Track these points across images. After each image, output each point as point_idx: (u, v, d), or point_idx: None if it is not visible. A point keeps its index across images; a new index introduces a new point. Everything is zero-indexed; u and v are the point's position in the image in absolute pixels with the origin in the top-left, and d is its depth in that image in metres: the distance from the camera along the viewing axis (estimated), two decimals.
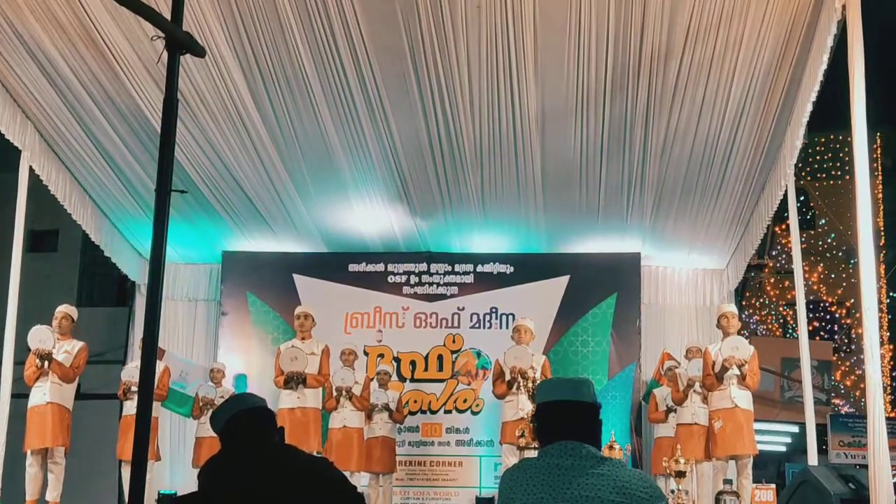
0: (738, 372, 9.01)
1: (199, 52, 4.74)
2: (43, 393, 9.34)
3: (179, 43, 4.56)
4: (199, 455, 11.05)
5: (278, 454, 3.48)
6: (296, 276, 13.22)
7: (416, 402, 12.77)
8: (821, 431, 10.89)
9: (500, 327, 12.78)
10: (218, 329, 13.40)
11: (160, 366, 10.11)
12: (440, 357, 13.01)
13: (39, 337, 9.38)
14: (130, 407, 10.05)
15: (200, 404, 11.47)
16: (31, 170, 10.17)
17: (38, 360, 9.33)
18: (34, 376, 9.38)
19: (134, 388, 9.70)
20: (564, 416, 3.15)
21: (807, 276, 18.58)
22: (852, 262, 20.83)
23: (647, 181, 10.92)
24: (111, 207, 12.00)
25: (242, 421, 3.55)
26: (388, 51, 8.77)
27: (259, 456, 3.42)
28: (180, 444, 12.68)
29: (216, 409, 3.74)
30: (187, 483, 10.95)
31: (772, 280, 22.18)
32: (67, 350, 9.56)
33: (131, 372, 10.26)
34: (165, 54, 4.57)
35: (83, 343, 9.73)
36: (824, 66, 7.78)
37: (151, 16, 4.57)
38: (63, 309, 9.79)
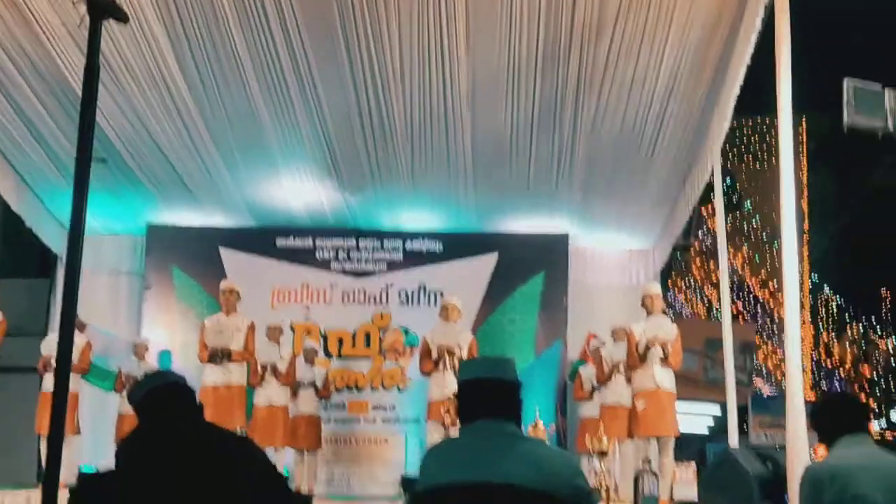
0: (661, 353, 9.09)
1: (122, 17, 4.60)
2: None
3: (102, 7, 4.43)
4: (121, 430, 10.90)
5: (195, 431, 3.41)
6: (222, 250, 13.06)
7: (342, 379, 12.71)
8: (742, 412, 11.07)
9: (429, 304, 12.78)
10: (142, 303, 13.21)
11: (82, 339, 9.95)
12: (367, 334, 12.97)
13: None
14: (51, 380, 9.85)
15: (123, 379, 11.30)
16: None
17: None
18: None
19: (54, 363, 9.52)
20: (486, 394, 3.14)
21: (731, 257, 18.83)
22: (776, 244, 21.16)
23: (576, 158, 10.97)
24: (32, 177, 11.73)
25: (159, 396, 3.48)
26: (319, 21, 8.67)
27: (175, 432, 3.36)
28: (102, 419, 12.48)
29: (133, 385, 3.67)
30: (108, 458, 10.77)
31: (697, 261, 22.50)
32: None
33: (52, 344, 10.04)
34: (87, 19, 4.45)
35: (0, 315, 9.51)
36: (752, 48, 7.85)
37: None
38: None
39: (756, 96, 9.08)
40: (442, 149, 10.82)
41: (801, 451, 6.96)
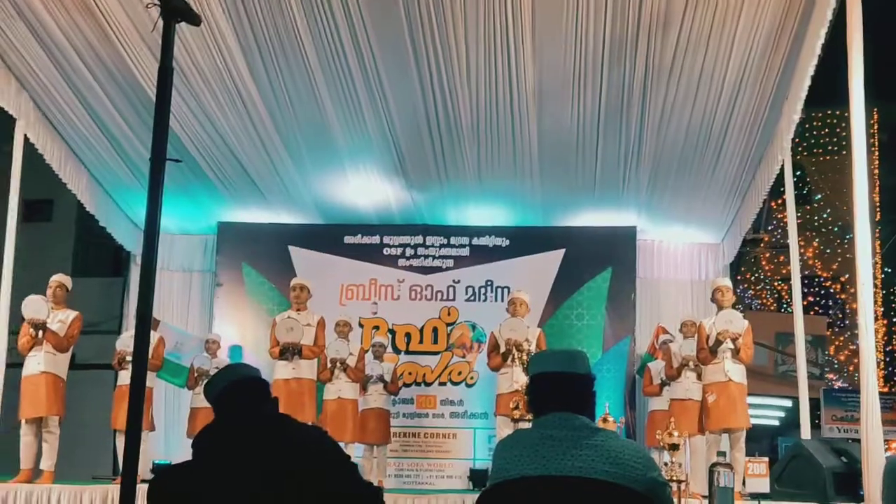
0: (731, 346, 9.02)
1: (194, 20, 4.69)
2: (37, 362, 9.32)
3: (175, 10, 4.51)
4: (194, 426, 11.06)
5: (272, 423, 3.47)
6: (291, 248, 13.22)
7: (410, 374, 12.78)
8: (814, 406, 10.95)
9: (496, 300, 12.81)
10: (213, 300, 13.42)
11: (155, 336, 10.10)
12: (435, 329, 13.03)
13: (34, 306, 9.36)
14: (125, 377, 10.02)
15: (195, 375, 11.45)
16: (26, 138, 10.12)
17: (32, 330, 9.30)
18: (28, 346, 9.35)
19: (128, 358, 9.68)
20: (558, 388, 3.14)
21: (802, 250, 18.61)
22: (848, 237, 20.84)
23: (643, 154, 10.90)
24: (106, 177, 11.96)
25: (236, 391, 3.55)
26: (386, 20, 8.71)
27: (252, 425, 3.42)
28: (175, 415, 12.70)
29: (210, 379, 3.73)
30: (182, 454, 10.91)
31: (767, 255, 22.24)
32: (62, 319, 9.52)
33: (126, 341, 10.23)
34: (161, 22, 4.54)
35: (77, 312, 9.70)
36: (822, 40, 7.76)
37: None
38: (57, 278, 9.75)
39: (826, 88, 8.98)
40: (508, 146, 10.81)
41: (875, 444, 6.88)
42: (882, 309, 23.10)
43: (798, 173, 20.10)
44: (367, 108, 10.12)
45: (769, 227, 18.75)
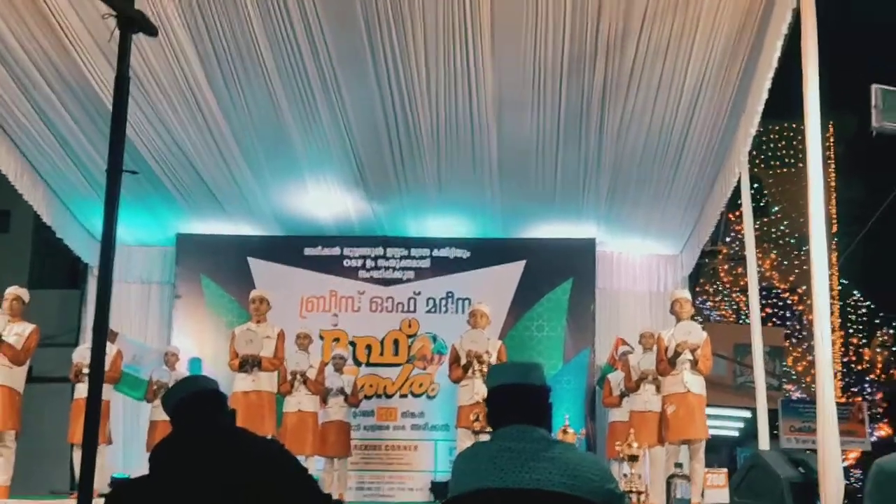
0: (690, 357, 9.07)
1: (151, 30, 4.67)
2: None
3: (131, 21, 4.49)
4: (153, 439, 10.95)
5: (229, 436, 3.46)
6: (250, 260, 13.15)
7: (371, 386, 12.74)
8: (772, 417, 10.99)
9: (457, 312, 12.80)
10: (172, 312, 13.31)
11: (112, 348, 10.02)
12: (396, 341, 13.00)
13: None
14: (82, 390, 9.92)
15: (154, 388, 11.36)
16: None
17: None
18: None
19: (85, 370, 9.57)
20: (515, 400, 3.16)
21: (760, 262, 18.74)
22: (805, 248, 21.02)
23: (603, 164, 10.96)
24: (63, 188, 11.84)
25: (193, 402, 3.54)
26: (344, 30, 8.72)
27: (209, 438, 3.40)
28: (134, 428, 12.56)
29: (168, 391, 3.72)
30: (141, 467, 10.79)
31: (725, 266, 22.42)
32: (18, 332, 9.40)
33: (83, 353, 10.13)
34: (117, 32, 4.51)
35: (34, 325, 9.59)
36: (778, 54, 7.82)
37: None
38: (13, 290, 9.63)
39: (783, 101, 9.05)
40: (468, 155, 10.83)
41: (832, 454, 6.93)
42: (839, 320, 23.37)
43: (755, 185, 20.28)
44: (326, 117, 10.11)
45: (727, 239, 18.92)
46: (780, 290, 23.51)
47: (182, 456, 3.37)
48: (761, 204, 22.68)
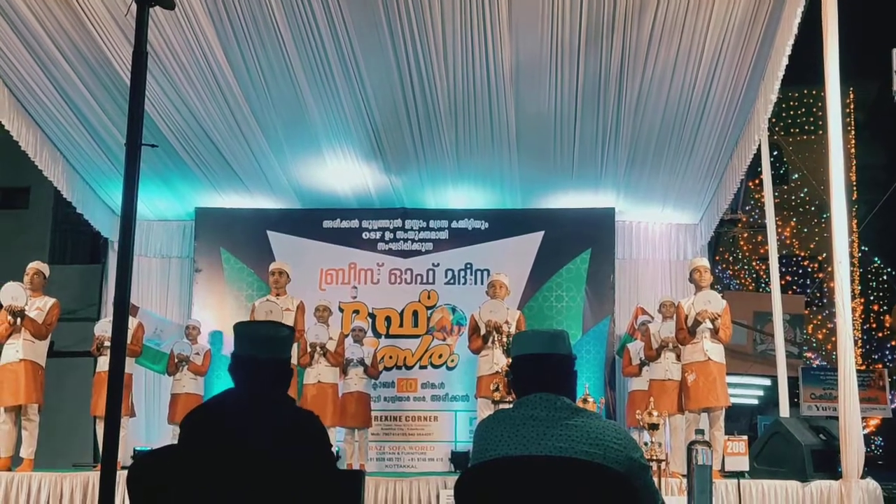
0: (710, 326, 9.06)
1: (168, 4, 4.68)
2: (16, 350, 9.27)
3: None
4: (175, 412, 11.03)
5: (259, 404, 3.38)
6: (270, 233, 13.18)
7: (391, 357, 12.79)
8: (792, 384, 10.99)
9: (475, 283, 12.82)
10: (192, 286, 13.37)
11: (133, 322, 10.07)
12: (415, 313, 13.03)
13: (12, 293, 9.30)
14: (104, 363, 9.98)
15: (175, 361, 11.41)
16: (1, 126, 10.05)
17: (10, 317, 9.25)
18: (6, 333, 9.29)
19: (107, 344, 9.62)
20: (539, 369, 3.16)
21: (779, 230, 18.65)
22: (825, 216, 20.93)
23: (621, 135, 10.90)
24: (82, 163, 11.88)
25: (245, 366, 3.45)
26: (361, 2, 8.68)
27: (246, 410, 3.34)
28: (156, 401, 12.66)
29: (253, 325, 3.56)
30: (163, 439, 10.95)
31: (745, 235, 22.31)
32: (39, 307, 9.47)
33: (104, 327, 10.17)
34: (134, 7, 4.51)
35: (55, 300, 9.65)
36: (798, 20, 7.76)
37: None
38: (34, 265, 9.70)
39: (802, 68, 9.00)
40: (486, 127, 10.80)
41: (853, 421, 6.95)
42: (859, 287, 23.26)
43: (775, 153, 20.15)
44: (344, 91, 10.08)
45: (746, 207, 18.83)
46: (800, 258, 23.40)
47: (210, 424, 3.34)
48: (781, 171, 22.54)
